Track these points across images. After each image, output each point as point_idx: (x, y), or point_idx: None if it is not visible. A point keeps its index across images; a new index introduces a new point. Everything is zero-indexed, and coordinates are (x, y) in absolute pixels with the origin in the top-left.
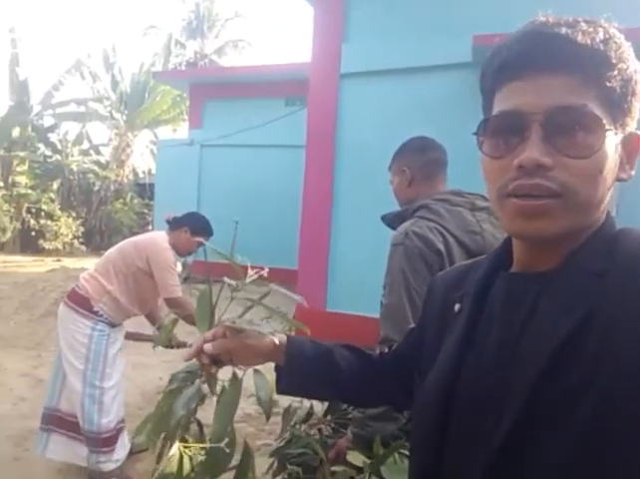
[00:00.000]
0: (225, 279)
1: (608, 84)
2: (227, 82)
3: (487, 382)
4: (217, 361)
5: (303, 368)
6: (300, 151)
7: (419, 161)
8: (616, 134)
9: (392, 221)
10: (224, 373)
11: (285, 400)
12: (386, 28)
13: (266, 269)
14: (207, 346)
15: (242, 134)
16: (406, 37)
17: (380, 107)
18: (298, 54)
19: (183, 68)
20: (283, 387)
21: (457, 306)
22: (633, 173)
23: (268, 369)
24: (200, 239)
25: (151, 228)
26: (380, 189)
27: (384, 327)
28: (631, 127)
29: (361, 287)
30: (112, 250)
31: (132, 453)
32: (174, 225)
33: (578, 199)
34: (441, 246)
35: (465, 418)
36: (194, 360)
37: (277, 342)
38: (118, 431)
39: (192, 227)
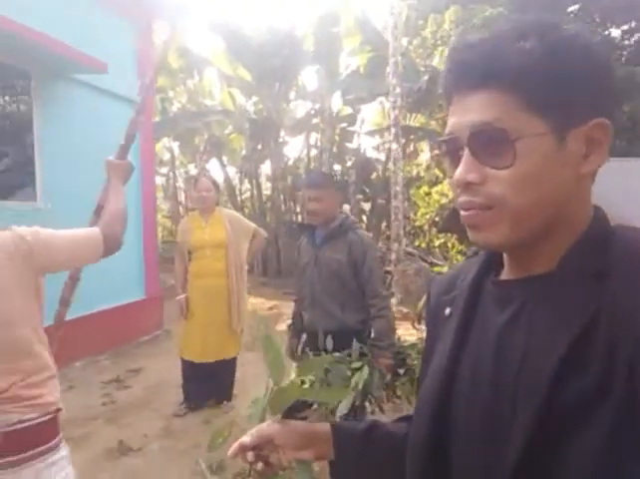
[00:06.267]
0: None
1: (530, 89)
2: None
3: (490, 391)
4: (265, 460)
5: (358, 449)
6: None
7: (341, 193)
8: (556, 133)
9: (333, 232)
10: None
11: None
12: None
13: None
14: (244, 438)
15: None
16: None
17: None
18: None
19: None
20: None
21: (447, 310)
22: (602, 160)
23: None
24: None
25: None
26: None
27: (379, 287)
28: (587, 117)
29: None
30: None
31: None
32: None
33: (510, 207)
34: None
35: (468, 427)
36: None
37: (326, 428)
38: None
39: None
